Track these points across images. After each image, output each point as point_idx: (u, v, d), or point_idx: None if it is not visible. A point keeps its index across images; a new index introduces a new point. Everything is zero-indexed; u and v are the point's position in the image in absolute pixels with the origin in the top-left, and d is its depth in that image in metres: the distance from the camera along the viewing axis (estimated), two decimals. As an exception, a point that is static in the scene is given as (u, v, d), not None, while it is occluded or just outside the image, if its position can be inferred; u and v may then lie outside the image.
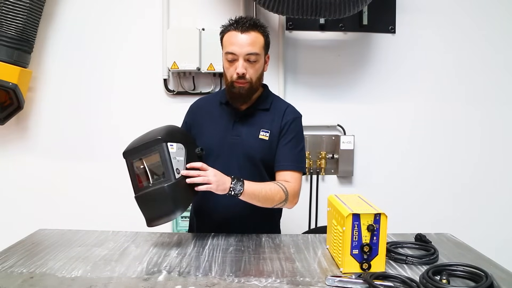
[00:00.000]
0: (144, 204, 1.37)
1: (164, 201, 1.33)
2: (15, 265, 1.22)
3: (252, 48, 1.52)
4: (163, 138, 1.37)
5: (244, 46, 1.51)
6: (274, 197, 1.51)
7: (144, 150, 1.38)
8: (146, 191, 1.35)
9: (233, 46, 1.52)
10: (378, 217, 1.16)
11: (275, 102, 1.67)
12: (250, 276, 1.16)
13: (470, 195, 2.57)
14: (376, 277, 1.09)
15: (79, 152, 2.50)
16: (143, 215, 1.38)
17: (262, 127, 1.61)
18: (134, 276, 1.16)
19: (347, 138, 2.50)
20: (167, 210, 1.34)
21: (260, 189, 1.48)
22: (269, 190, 1.50)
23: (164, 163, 1.35)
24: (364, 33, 2.50)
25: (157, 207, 1.34)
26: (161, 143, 1.36)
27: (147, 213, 1.37)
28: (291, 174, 1.58)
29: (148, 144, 1.38)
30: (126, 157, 1.41)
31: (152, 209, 1.35)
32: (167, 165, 1.34)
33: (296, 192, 1.57)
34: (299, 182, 1.59)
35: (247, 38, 1.52)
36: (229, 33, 1.55)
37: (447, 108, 2.55)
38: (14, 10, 2.15)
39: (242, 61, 1.52)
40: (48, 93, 2.47)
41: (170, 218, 1.36)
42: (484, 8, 2.51)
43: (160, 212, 1.34)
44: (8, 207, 2.49)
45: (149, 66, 2.47)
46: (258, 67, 1.56)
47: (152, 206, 1.35)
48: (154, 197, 1.34)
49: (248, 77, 1.54)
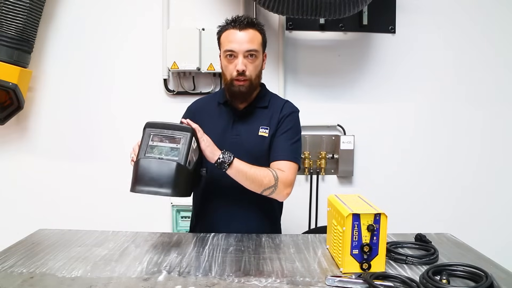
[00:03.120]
0: (143, 167, 1.35)
1: (166, 174, 1.33)
2: (15, 265, 1.22)
3: (251, 45, 1.53)
4: (193, 130, 1.42)
5: (243, 43, 1.53)
6: (263, 180, 1.49)
7: (170, 130, 1.40)
8: (154, 158, 1.36)
9: (232, 44, 1.53)
10: (378, 217, 1.16)
11: (273, 100, 1.68)
12: (250, 276, 1.16)
13: (471, 195, 2.57)
14: (376, 277, 1.09)
15: (79, 152, 2.50)
16: (134, 177, 1.36)
17: (261, 124, 1.62)
18: (134, 276, 1.16)
19: (347, 138, 2.50)
20: (162, 183, 1.33)
21: (249, 167, 1.48)
22: (258, 171, 1.49)
23: (183, 147, 1.37)
24: (364, 33, 2.50)
25: (155, 175, 1.33)
26: (190, 132, 1.40)
27: (140, 177, 1.35)
28: (284, 163, 1.56)
29: (176, 127, 1.41)
30: (148, 127, 1.42)
31: (148, 175, 1.34)
32: (185, 150, 1.37)
33: (288, 181, 1.54)
34: (292, 172, 1.57)
35: (245, 35, 1.53)
36: (227, 31, 1.56)
37: (447, 108, 2.55)
38: (14, 10, 2.15)
39: (242, 58, 1.53)
40: (48, 93, 2.47)
41: (158, 191, 1.33)
42: (484, 8, 2.51)
43: (153, 182, 1.33)
44: (8, 207, 2.49)
45: (149, 66, 2.47)
46: (257, 64, 1.58)
47: (150, 173, 1.34)
48: (159, 166, 1.34)
49: (248, 74, 1.55)
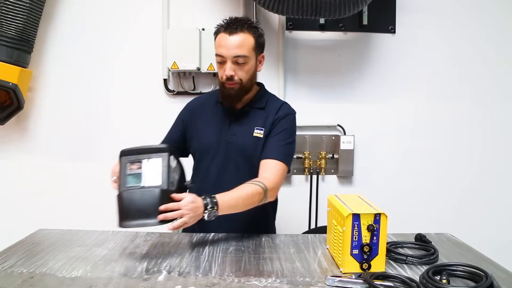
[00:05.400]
0: (127, 200, 1.29)
1: (151, 203, 1.27)
2: (15, 265, 1.22)
3: (240, 51, 1.52)
4: (169, 149, 1.37)
5: (231, 49, 1.51)
6: (254, 199, 1.45)
7: (146, 154, 1.35)
8: (136, 189, 1.30)
9: (221, 49, 1.53)
10: (378, 217, 1.16)
11: (270, 101, 1.67)
12: (250, 276, 1.16)
13: (471, 195, 2.57)
14: (376, 277, 1.09)
15: (79, 152, 2.50)
16: (120, 213, 1.30)
17: (256, 125, 1.61)
18: (134, 276, 1.16)
19: (347, 138, 2.50)
20: (148, 213, 1.27)
21: (236, 197, 1.41)
22: (246, 195, 1.42)
23: (163, 169, 1.32)
24: (364, 33, 2.50)
25: (140, 207, 1.28)
26: (167, 151, 1.35)
27: (125, 211, 1.29)
28: (273, 163, 1.53)
29: (152, 150, 1.36)
30: (124, 155, 1.36)
31: (133, 208, 1.28)
32: (166, 172, 1.31)
33: (275, 185, 1.51)
34: (280, 174, 1.53)
35: (235, 40, 1.51)
36: (219, 35, 1.56)
37: (447, 108, 2.54)
38: (14, 10, 2.15)
39: (230, 64, 1.53)
40: (48, 93, 2.47)
41: (146, 223, 1.27)
42: (485, 8, 2.50)
43: (140, 213, 1.27)
44: (8, 207, 2.49)
45: (149, 66, 2.46)
46: (248, 69, 1.56)
47: (134, 205, 1.28)
48: (142, 196, 1.29)
49: (237, 79, 1.54)
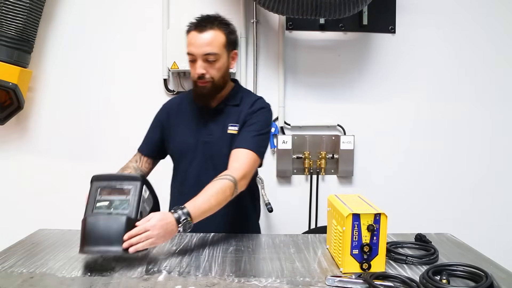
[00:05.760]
0: (90, 225, 1.24)
1: (115, 230, 1.22)
2: (15, 265, 1.22)
3: (210, 48, 1.51)
4: (142, 178, 1.35)
5: (201, 47, 1.50)
6: (225, 194, 1.40)
7: (119, 181, 1.33)
8: (102, 214, 1.26)
9: (191, 47, 1.52)
10: (378, 217, 1.16)
11: (245, 97, 1.66)
12: (250, 276, 1.16)
13: (471, 195, 2.57)
14: (376, 277, 1.09)
15: (79, 152, 2.49)
16: (82, 238, 1.24)
17: (230, 121, 1.60)
18: (134, 276, 1.16)
19: (347, 138, 2.50)
20: (111, 240, 1.22)
21: (208, 199, 1.36)
22: (216, 193, 1.38)
23: (133, 198, 1.29)
24: (364, 33, 2.50)
25: (104, 233, 1.22)
26: (140, 181, 1.33)
27: (87, 236, 1.23)
28: (243, 152, 1.49)
29: (124, 177, 1.36)
30: (95, 180, 1.34)
31: (96, 234, 1.23)
32: (136, 202, 1.28)
33: (244, 174, 1.46)
34: (250, 163, 1.49)
35: (204, 38, 1.51)
36: (190, 33, 1.55)
37: (447, 108, 2.55)
38: (14, 10, 2.15)
39: (201, 62, 1.51)
40: (48, 93, 2.47)
41: (108, 250, 1.22)
42: (485, 8, 2.51)
43: (102, 240, 1.22)
44: (8, 207, 2.49)
45: (149, 66, 2.47)
46: (219, 66, 1.54)
47: (99, 231, 1.23)
48: (107, 222, 1.24)
49: (209, 77, 1.53)
